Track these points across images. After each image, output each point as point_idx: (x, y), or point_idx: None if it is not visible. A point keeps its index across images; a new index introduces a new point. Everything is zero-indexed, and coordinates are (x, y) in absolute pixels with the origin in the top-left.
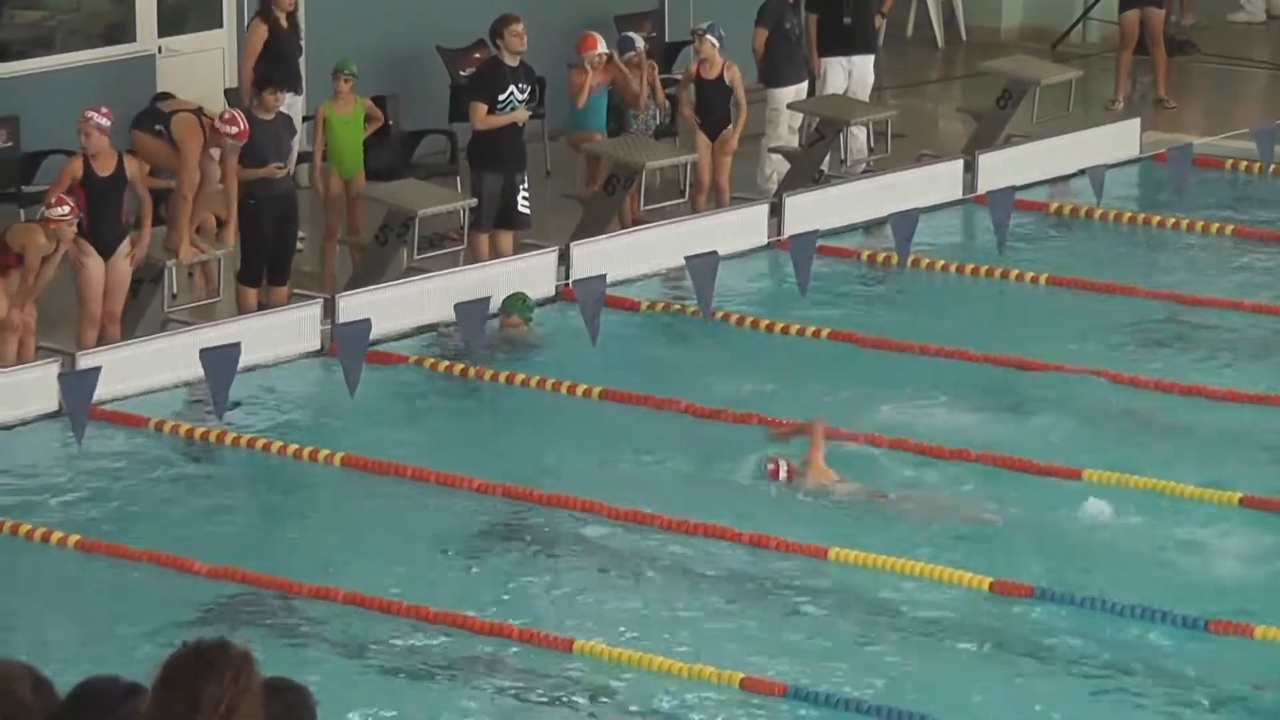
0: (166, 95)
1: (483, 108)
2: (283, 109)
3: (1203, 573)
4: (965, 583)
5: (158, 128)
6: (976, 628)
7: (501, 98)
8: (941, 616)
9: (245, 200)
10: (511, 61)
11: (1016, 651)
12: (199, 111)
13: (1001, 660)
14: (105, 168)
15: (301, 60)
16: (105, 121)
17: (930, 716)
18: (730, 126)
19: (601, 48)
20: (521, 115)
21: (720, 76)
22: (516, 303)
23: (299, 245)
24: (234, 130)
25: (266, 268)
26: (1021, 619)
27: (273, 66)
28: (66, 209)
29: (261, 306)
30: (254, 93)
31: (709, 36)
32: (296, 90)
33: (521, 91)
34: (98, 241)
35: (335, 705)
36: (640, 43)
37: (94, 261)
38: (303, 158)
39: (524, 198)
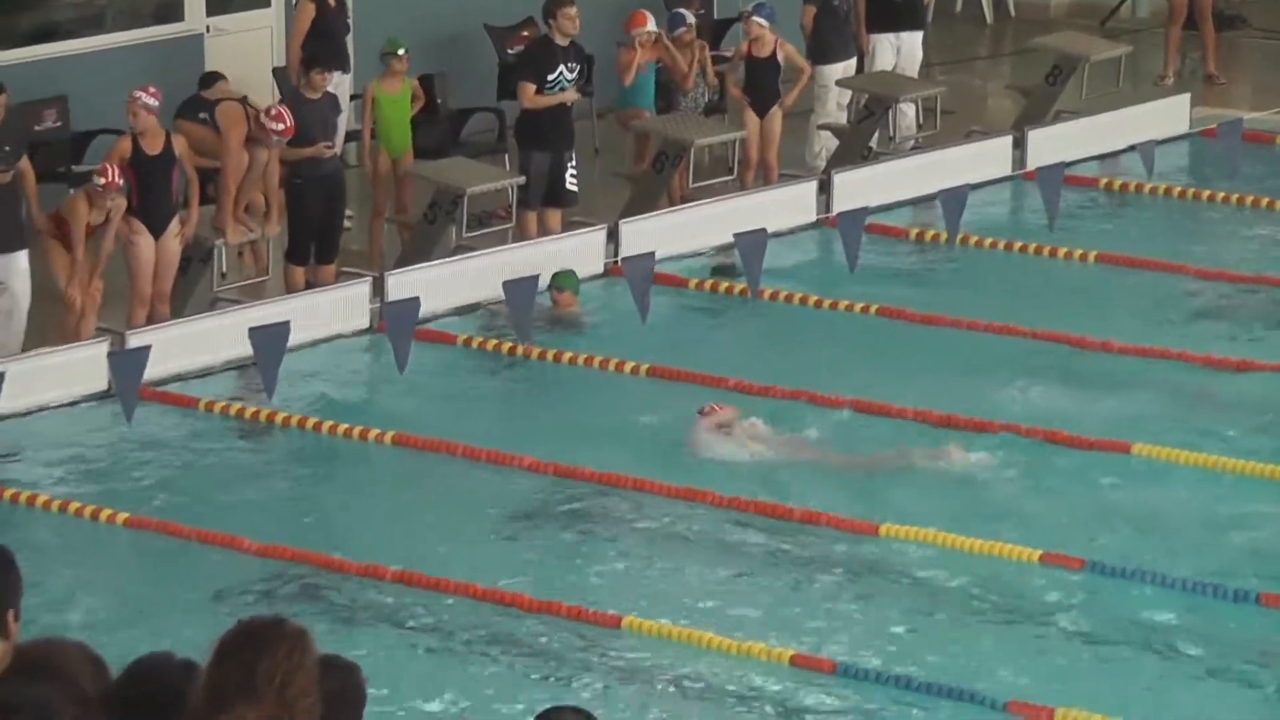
0: (214, 75)
1: (531, 87)
2: (329, 88)
3: (1253, 546)
4: (1015, 556)
5: (202, 116)
6: (1027, 602)
7: (551, 77)
8: (991, 591)
9: (292, 180)
10: (562, 41)
11: (1066, 625)
12: (244, 101)
13: (1052, 634)
14: (154, 146)
15: (349, 38)
16: (153, 101)
17: (979, 692)
18: (777, 105)
19: (651, 25)
20: (570, 96)
21: (772, 55)
22: (569, 279)
23: (348, 224)
24: (280, 127)
25: (314, 246)
26: (1072, 593)
27: (320, 45)
28: (109, 177)
29: (309, 285)
30: (301, 72)
31: (756, 17)
32: (344, 69)
33: (570, 71)
34: (147, 220)
35: (385, 682)
36: (690, 19)
37: (144, 240)
38: (350, 136)
39: (572, 175)
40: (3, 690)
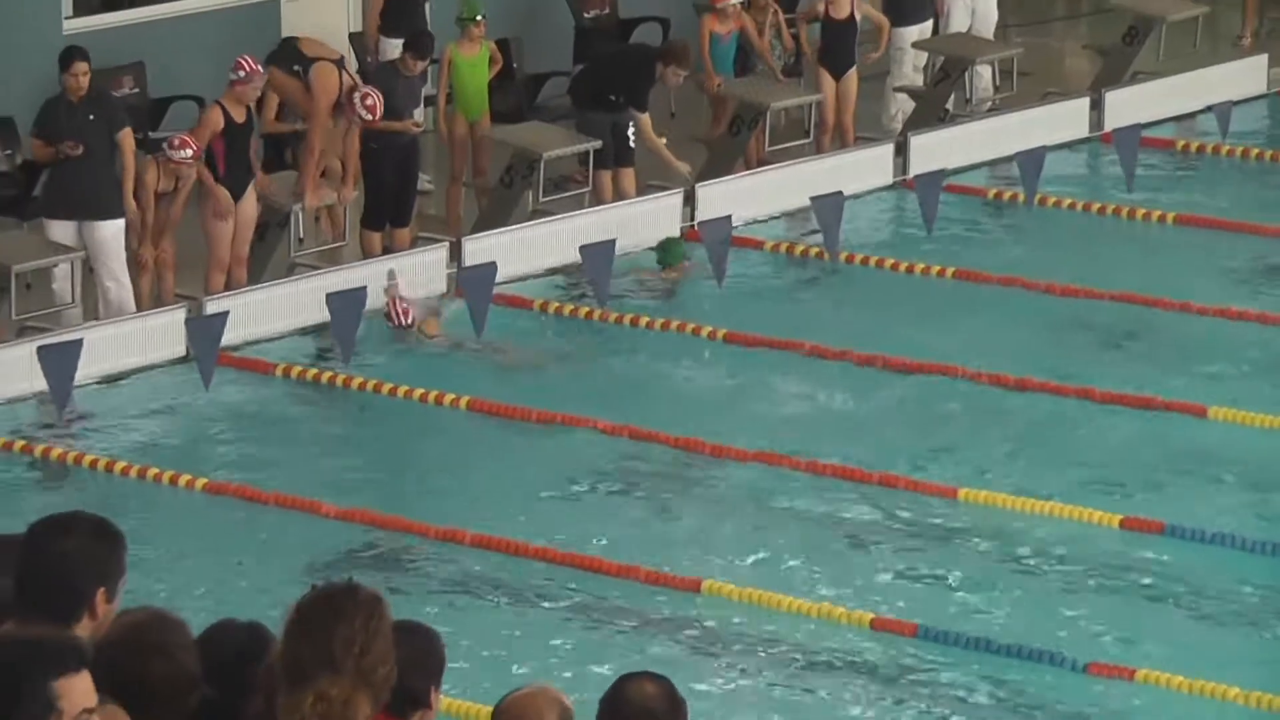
0: (293, 39)
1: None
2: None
3: None
4: (1096, 520)
5: (296, 68)
6: (1106, 565)
7: None
8: (1071, 555)
9: (367, 146)
10: None
11: (1145, 589)
12: (340, 63)
13: (1132, 597)
14: (241, 115)
15: (426, 6)
16: (264, 79)
17: (1060, 654)
18: (854, 67)
19: None
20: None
21: (849, 16)
22: (674, 254)
23: (428, 188)
24: (368, 117)
25: (389, 211)
26: (1152, 556)
27: (398, 16)
28: (189, 151)
29: (385, 250)
30: (377, 40)
31: None
32: (428, 50)
33: None
34: (229, 186)
35: (464, 648)
36: None
37: (226, 201)
38: (427, 101)
39: (631, 133)
40: (114, 666)
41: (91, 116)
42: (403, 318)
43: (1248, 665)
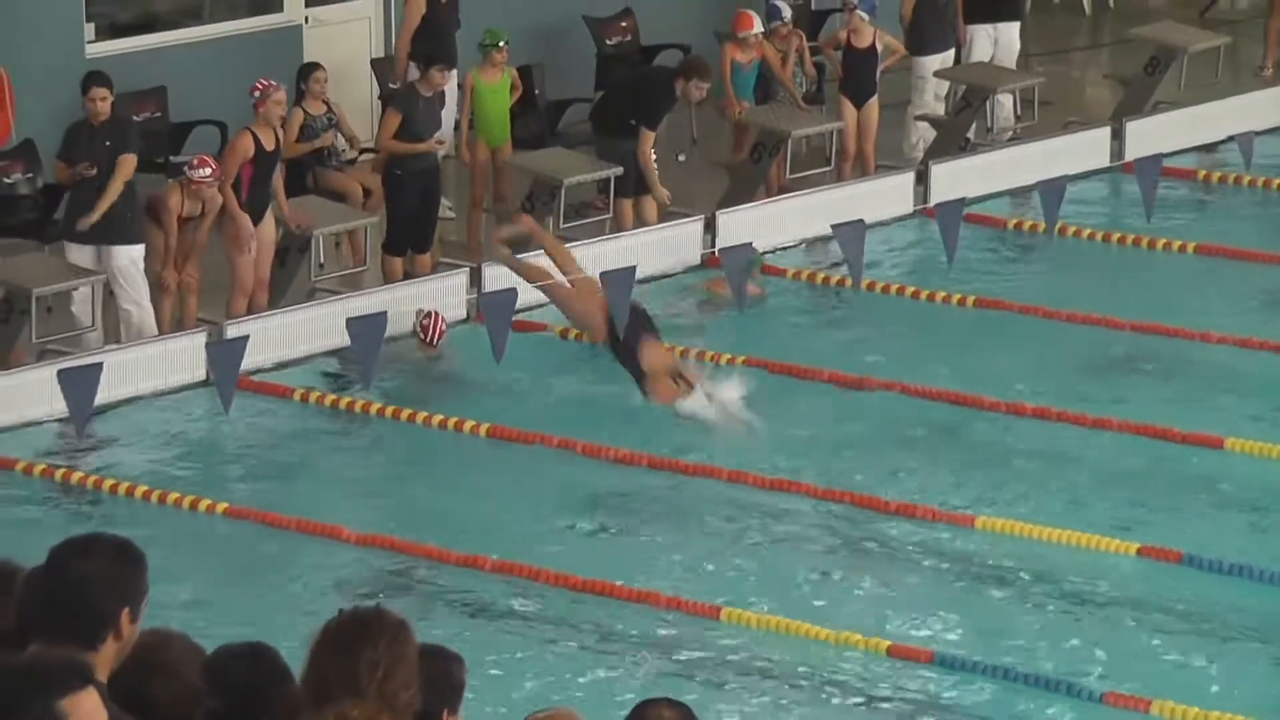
0: (313, 65)
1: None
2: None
3: None
4: (1113, 549)
5: None
6: (1124, 595)
7: None
8: (1089, 583)
9: (392, 171)
10: None
11: (1164, 619)
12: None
13: (1149, 627)
14: (270, 141)
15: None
16: (284, 92)
17: (1077, 683)
18: (875, 96)
19: (757, 28)
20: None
21: (871, 46)
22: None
23: (450, 214)
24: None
25: (410, 236)
26: (1169, 586)
27: (431, 41)
28: (209, 170)
29: (407, 275)
30: (418, 67)
31: (860, 10)
32: (453, 65)
33: None
34: (250, 210)
35: (482, 674)
36: (787, 12)
37: (248, 231)
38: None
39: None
40: (119, 686)
41: (108, 142)
42: (436, 337)
43: (1265, 697)
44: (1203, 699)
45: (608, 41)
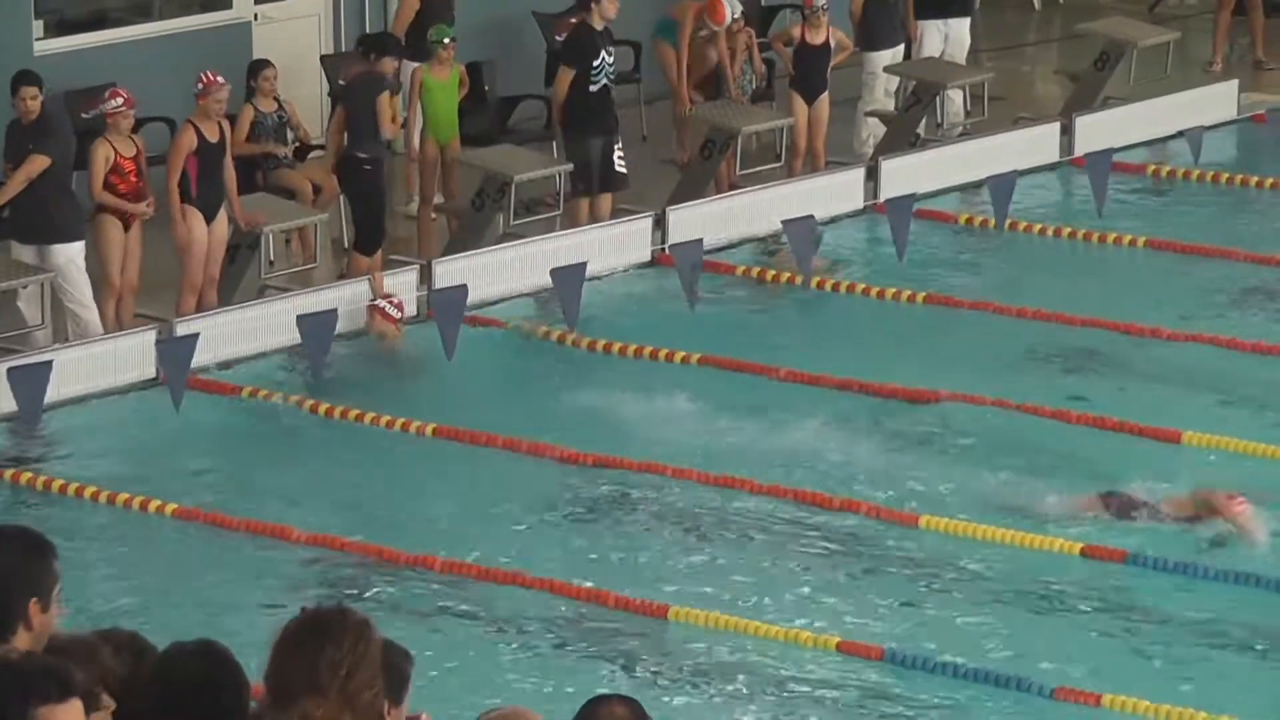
0: (263, 62)
1: (571, 73)
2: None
3: None
4: (1057, 548)
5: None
6: (1069, 593)
7: (595, 64)
8: (1034, 581)
9: (362, 166)
10: (599, 26)
11: (1109, 616)
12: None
13: (1096, 624)
14: (213, 133)
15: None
16: (227, 88)
17: (1027, 679)
18: (826, 93)
19: (729, 18)
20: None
21: (825, 42)
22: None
23: (412, 210)
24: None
25: (380, 231)
26: (1114, 584)
27: (422, 41)
28: (120, 100)
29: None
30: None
31: (821, 5)
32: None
33: (609, 55)
34: (201, 207)
35: (433, 672)
36: (738, 8)
37: (199, 227)
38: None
39: (619, 158)
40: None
41: (31, 143)
42: (397, 310)
43: (1214, 691)
44: (1151, 693)
45: (557, 38)
